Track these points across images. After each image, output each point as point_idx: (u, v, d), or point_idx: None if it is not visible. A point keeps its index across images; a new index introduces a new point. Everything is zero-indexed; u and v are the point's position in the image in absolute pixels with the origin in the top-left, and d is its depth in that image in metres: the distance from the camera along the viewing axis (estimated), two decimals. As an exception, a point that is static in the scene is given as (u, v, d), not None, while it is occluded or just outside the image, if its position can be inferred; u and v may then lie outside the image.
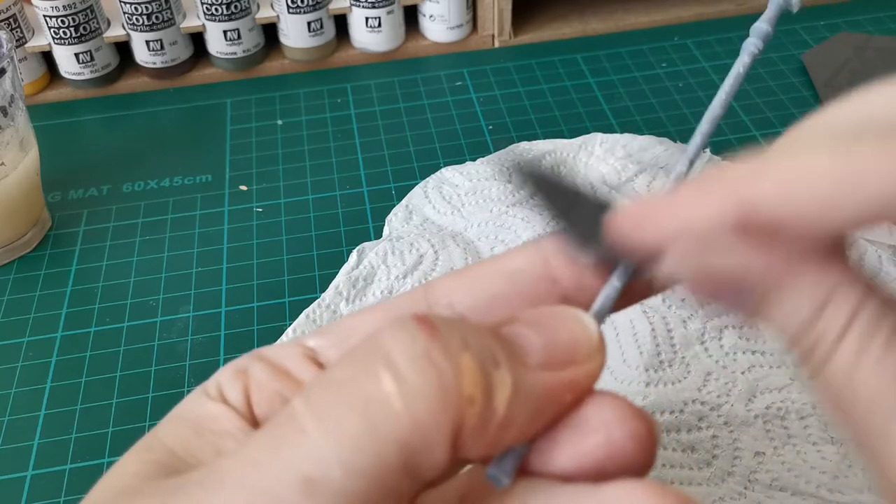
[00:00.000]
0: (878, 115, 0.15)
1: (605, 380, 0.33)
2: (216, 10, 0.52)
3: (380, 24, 0.55)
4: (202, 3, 0.52)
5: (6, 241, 0.42)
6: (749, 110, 0.50)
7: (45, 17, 0.50)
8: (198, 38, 0.55)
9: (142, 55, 0.53)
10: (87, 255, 0.43)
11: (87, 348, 0.38)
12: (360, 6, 0.54)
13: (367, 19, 0.54)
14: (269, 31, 0.56)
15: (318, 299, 0.38)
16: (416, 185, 0.44)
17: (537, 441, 0.16)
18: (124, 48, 0.54)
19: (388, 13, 0.54)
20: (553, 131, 0.49)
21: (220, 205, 0.46)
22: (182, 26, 0.53)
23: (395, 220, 0.42)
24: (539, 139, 0.47)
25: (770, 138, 0.48)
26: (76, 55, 0.52)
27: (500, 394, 0.14)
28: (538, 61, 0.55)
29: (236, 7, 0.52)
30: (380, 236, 0.42)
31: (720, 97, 0.19)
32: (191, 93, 0.54)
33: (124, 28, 0.52)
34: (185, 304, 0.40)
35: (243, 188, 0.47)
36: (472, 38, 0.57)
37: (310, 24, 0.54)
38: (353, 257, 0.39)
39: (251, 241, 0.43)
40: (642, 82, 0.53)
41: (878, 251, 0.38)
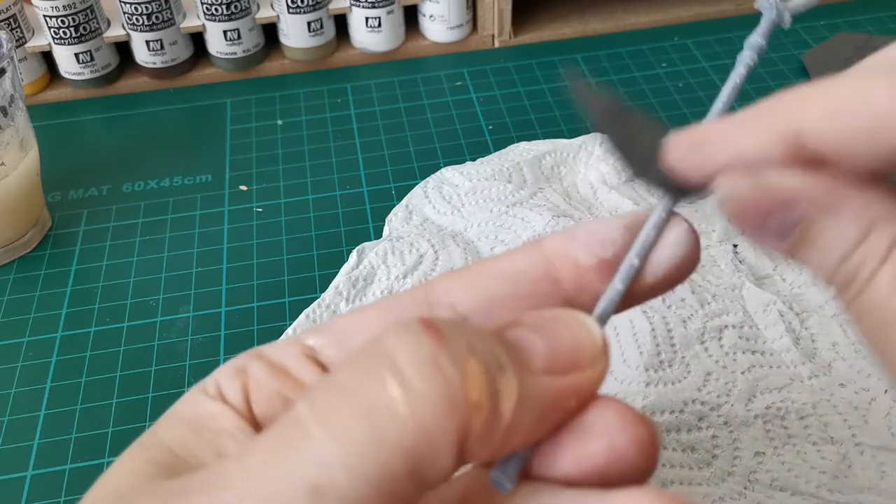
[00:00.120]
0: None
1: (605, 380, 0.33)
2: (216, 10, 0.52)
3: (380, 24, 0.55)
4: (202, 3, 0.52)
5: (6, 241, 0.42)
6: (749, 110, 0.50)
7: (45, 17, 0.50)
8: (198, 38, 0.55)
9: (142, 55, 0.53)
10: (87, 255, 0.43)
11: (87, 348, 0.38)
12: (360, 6, 0.54)
13: (367, 19, 0.54)
14: (269, 31, 0.56)
15: (318, 299, 0.38)
16: (416, 185, 0.44)
17: (540, 445, 0.16)
18: (124, 48, 0.54)
19: (388, 13, 0.54)
20: (553, 131, 0.49)
21: (220, 205, 0.46)
22: (182, 26, 0.53)
23: (395, 220, 0.42)
24: (539, 139, 0.47)
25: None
26: (76, 55, 0.52)
27: (507, 400, 0.14)
28: (538, 61, 0.55)
29: (236, 7, 0.52)
30: (380, 236, 0.42)
31: (717, 107, 0.19)
32: (191, 93, 0.54)
33: (124, 28, 0.53)
34: (185, 304, 0.40)
35: (243, 188, 0.47)
36: (472, 38, 0.57)
37: (310, 24, 0.54)
38: (353, 257, 0.39)
39: (251, 241, 0.43)
40: (642, 82, 0.53)
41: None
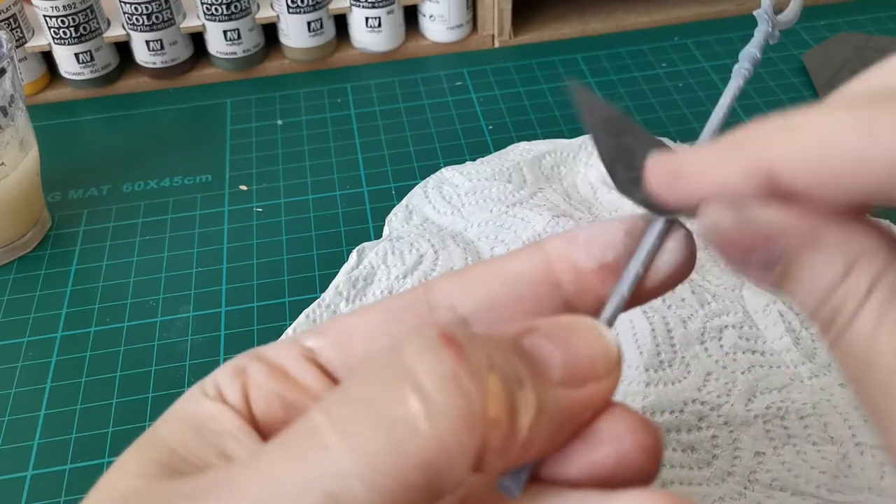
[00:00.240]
0: None
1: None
2: (216, 10, 0.52)
3: (380, 24, 0.55)
4: (202, 3, 0.52)
5: (6, 241, 0.42)
6: (749, 110, 0.50)
7: (45, 17, 0.50)
8: (198, 38, 0.55)
9: (142, 55, 0.53)
10: (87, 255, 0.43)
11: (87, 348, 0.38)
12: (360, 6, 0.54)
13: (367, 19, 0.54)
14: (269, 31, 0.56)
15: (318, 299, 0.38)
16: (416, 185, 0.44)
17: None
18: (124, 48, 0.54)
19: (388, 13, 0.54)
20: (553, 131, 0.49)
21: (220, 205, 0.46)
22: (182, 26, 0.53)
23: (395, 220, 0.42)
24: (539, 139, 0.47)
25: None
26: (76, 55, 0.52)
27: (525, 415, 0.14)
28: (538, 61, 0.55)
29: (236, 7, 0.52)
30: (380, 236, 0.42)
31: (718, 115, 0.19)
32: (191, 93, 0.54)
33: (124, 28, 0.52)
34: (185, 304, 0.40)
35: (243, 188, 0.47)
36: (472, 38, 0.57)
37: (310, 24, 0.54)
38: (353, 257, 0.39)
39: (251, 241, 0.43)
40: (642, 82, 0.53)
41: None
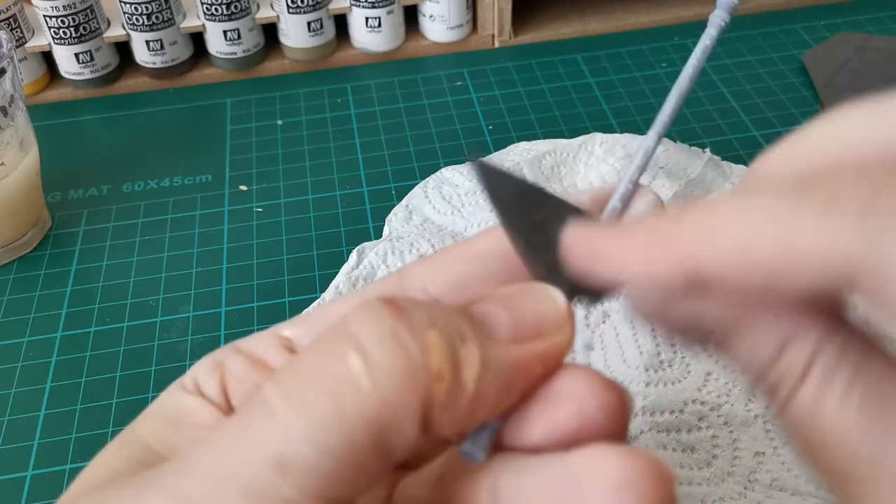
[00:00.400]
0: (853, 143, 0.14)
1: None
2: (216, 10, 0.52)
3: (380, 24, 0.55)
4: (202, 3, 0.52)
5: (6, 241, 0.42)
6: (749, 110, 0.50)
7: (45, 17, 0.50)
8: (198, 38, 0.55)
9: (142, 55, 0.53)
10: (87, 255, 0.43)
11: (87, 348, 0.38)
12: (360, 6, 0.54)
13: (367, 19, 0.54)
14: (269, 31, 0.56)
15: (318, 299, 0.38)
16: (416, 185, 0.44)
17: (511, 416, 0.16)
18: (124, 48, 0.54)
19: (388, 13, 0.54)
20: (553, 131, 0.49)
21: (220, 205, 0.46)
22: (182, 26, 0.53)
23: (395, 220, 0.42)
24: (539, 139, 0.47)
25: (770, 138, 0.48)
26: (76, 55, 0.52)
27: (469, 369, 0.14)
28: (538, 61, 0.55)
29: (236, 7, 0.52)
30: (380, 236, 0.42)
31: (688, 71, 0.18)
32: (191, 93, 0.54)
33: (124, 28, 0.53)
34: (185, 304, 0.40)
35: (243, 188, 0.47)
36: (472, 38, 0.57)
37: (310, 24, 0.54)
38: (353, 257, 0.39)
39: (251, 241, 0.43)
40: (642, 82, 0.53)
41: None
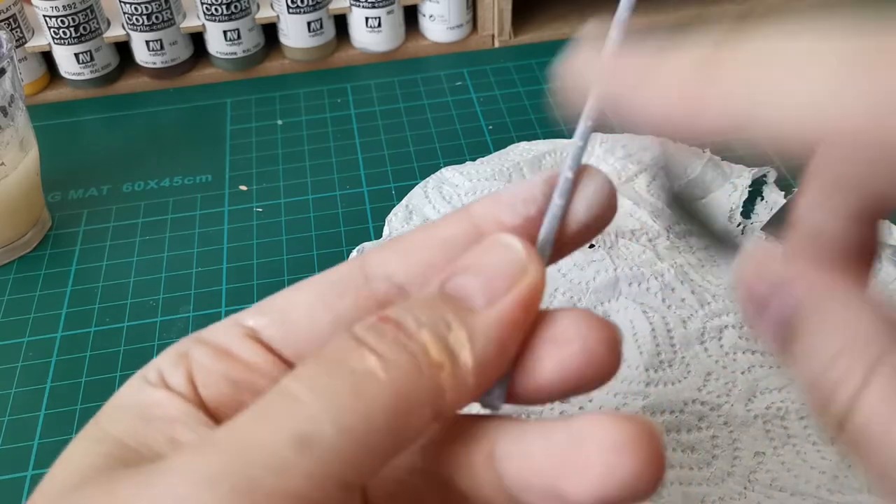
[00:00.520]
0: None
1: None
2: (216, 10, 0.52)
3: (380, 24, 0.55)
4: (202, 3, 0.52)
5: (6, 241, 0.42)
6: (749, 110, 0.50)
7: (45, 17, 0.50)
8: (198, 38, 0.55)
9: (142, 55, 0.53)
10: (87, 255, 0.43)
11: (87, 348, 0.38)
12: (360, 6, 0.54)
13: (367, 19, 0.54)
14: (269, 31, 0.56)
15: (318, 299, 0.38)
16: (416, 185, 0.44)
17: (522, 361, 0.17)
18: (124, 48, 0.54)
19: (388, 13, 0.54)
20: (553, 131, 0.49)
21: (220, 205, 0.46)
22: (182, 26, 0.53)
23: (395, 220, 0.42)
24: (539, 139, 0.47)
25: (770, 138, 0.47)
26: (76, 55, 0.52)
27: (462, 350, 0.16)
28: (538, 61, 0.55)
29: (236, 7, 0.52)
30: (380, 236, 0.42)
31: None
32: (191, 93, 0.54)
33: (124, 28, 0.52)
34: (185, 304, 0.40)
35: (243, 188, 0.47)
36: (472, 38, 0.57)
37: (310, 24, 0.54)
38: (352, 258, 0.39)
39: (251, 241, 0.43)
40: (642, 82, 0.53)
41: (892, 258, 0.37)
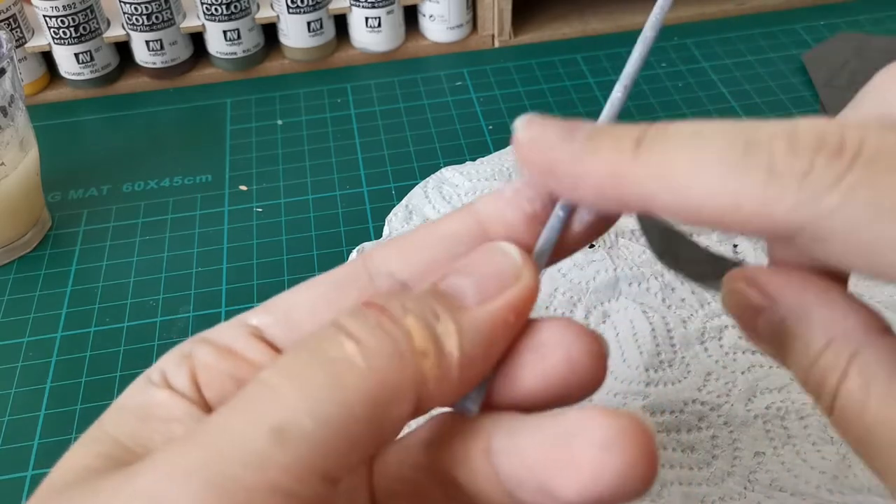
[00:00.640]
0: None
1: (605, 379, 0.33)
2: (216, 10, 0.52)
3: (380, 24, 0.55)
4: (202, 3, 0.52)
5: (6, 241, 0.42)
6: (749, 110, 0.50)
7: (45, 17, 0.50)
8: (198, 38, 0.55)
9: (142, 55, 0.53)
10: (87, 255, 0.43)
11: (87, 348, 0.38)
12: (360, 6, 0.54)
13: (366, 19, 0.54)
14: (269, 31, 0.56)
15: (318, 299, 0.38)
16: (416, 185, 0.44)
17: (504, 370, 0.17)
18: (124, 48, 0.54)
19: (388, 13, 0.54)
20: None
21: (220, 205, 0.46)
22: (182, 26, 0.53)
23: (395, 220, 0.42)
24: (539, 139, 0.47)
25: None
26: (76, 55, 0.52)
27: (449, 340, 0.16)
28: (538, 61, 0.55)
29: (236, 7, 0.52)
30: (380, 236, 0.42)
31: (652, 19, 0.18)
32: (191, 93, 0.54)
33: (124, 28, 0.52)
34: (185, 304, 0.40)
35: (243, 188, 0.47)
36: (472, 38, 0.57)
37: (310, 24, 0.54)
38: (353, 258, 0.39)
39: (251, 241, 0.43)
40: (642, 82, 0.53)
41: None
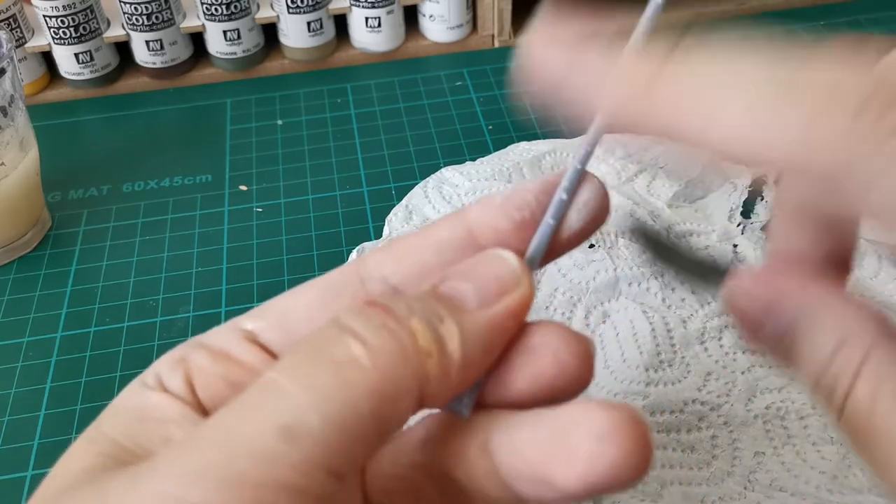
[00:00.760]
0: None
1: (605, 380, 0.33)
2: (216, 10, 0.52)
3: (380, 24, 0.55)
4: (202, 3, 0.52)
5: (6, 241, 0.42)
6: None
7: (45, 17, 0.50)
8: (198, 38, 0.55)
9: (142, 55, 0.53)
10: (87, 255, 0.43)
11: (87, 348, 0.38)
12: (360, 6, 0.54)
13: (366, 19, 0.54)
14: (269, 31, 0.56)
15: (318, 299, 0.38)
16: (416, 185, 0.44)
17: (493, 373, 0.17)
18: (124, 48, 0.54)
19: (388, 13, 0.54)
20: (553, 131, 0.49)
21: (220, 205, 0.46)
22: (182, 26, 0.53)
23: (395, 220, 0.42)
24: (539, 139, 0.47)
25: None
26: (76, 55, 0.52)
27: (451, 341, 0.16)
28: (538, 61, 0.55)
29: (236, 7, 0.52)
30: (380, 236, 0.42)
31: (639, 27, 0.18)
32: (191, 93, 0.54)
33: (124, 28, 0.52)
34: (185, 304, 0.40)
35: (243, 188, 0.47)
36: (472, 38, 0.57)
37: (310, 24, 0.54)
38: (352, 257, 0.39)
39: (251, 241, 0.43)
40: (642, 82, 0.53)
41: (877, 251, 0.37)
